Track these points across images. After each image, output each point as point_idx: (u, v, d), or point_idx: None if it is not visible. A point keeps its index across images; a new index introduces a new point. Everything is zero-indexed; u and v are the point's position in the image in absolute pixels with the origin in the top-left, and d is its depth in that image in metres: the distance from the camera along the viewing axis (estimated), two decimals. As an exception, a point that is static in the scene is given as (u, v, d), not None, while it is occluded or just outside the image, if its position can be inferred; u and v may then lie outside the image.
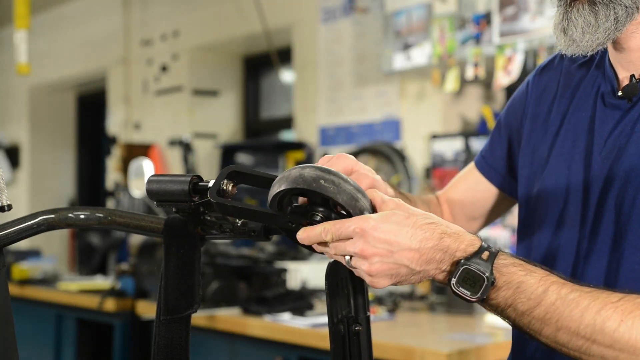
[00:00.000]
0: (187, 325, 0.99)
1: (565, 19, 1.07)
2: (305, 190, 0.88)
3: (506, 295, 0.89)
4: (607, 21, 1.04)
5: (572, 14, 1.06)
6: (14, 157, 6.70)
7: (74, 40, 6.15)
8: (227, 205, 0.90)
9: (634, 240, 1.01)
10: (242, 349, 2.72)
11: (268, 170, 4.37)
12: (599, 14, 1.04)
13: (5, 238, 0.97)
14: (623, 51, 1.09)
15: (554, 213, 1.14)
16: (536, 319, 0.88)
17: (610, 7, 1.04)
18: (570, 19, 1.06)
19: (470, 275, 0.88)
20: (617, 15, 1.04)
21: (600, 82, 1.14)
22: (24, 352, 1.10)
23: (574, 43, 1.07)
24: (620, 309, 0.85)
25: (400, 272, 0.89)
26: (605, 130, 1.08)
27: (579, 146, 1.12)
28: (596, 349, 0.86)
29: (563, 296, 0.87)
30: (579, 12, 1.05)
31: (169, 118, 5.16)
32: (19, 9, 3.99)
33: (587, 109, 1.14)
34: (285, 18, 4.35)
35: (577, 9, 1.05)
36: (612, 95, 1.10)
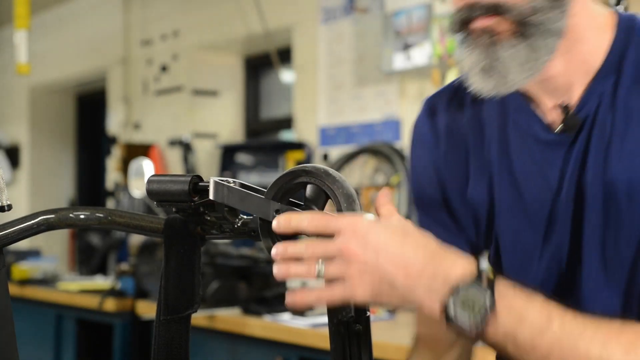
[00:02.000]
0: (187, 325, 0.99)
1: (490, 58, 0.92)
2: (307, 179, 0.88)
3: (506, 326, 0.82)
4: (543, 53, 0.93)
5: (500, 51, 0.92)
6: (14, 157, 6.70)
7: (74, 40, 6.15)
8: (223, 186, 0.90)
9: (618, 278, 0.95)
10: (242, 349, 2.72)
11: (268, 170, 4.37)
12: (536, 46, 0.92)
13: (5, 238, 0.97)
14: (545, 80, 0.97)
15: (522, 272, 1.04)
16: (537, 351, 0.82)
17: (545, 36, 0.92)
18: (499, 57, 0.92)
19: (469, 300, 0.81)
20: (551, 44, 0.93)
21: (519, 117, 1.01)
22: (24, 352, 1.10)
23: (506, 83, 0.93)
24: (622, 340, 0.81)
25: (383, 286, 0.83)
26: (555, 172, 0.98)
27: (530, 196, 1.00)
28: None
29: (567, 325, 0.82)
30: (511, 48, 0.92)
31: (169, 118, 5.16)
32: (19, 9, 3.99)
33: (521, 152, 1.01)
34: (285, 18, 4.35)
35: (506, 44, 0.92)
36: (547, 131, 0.98)
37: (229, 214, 0.95)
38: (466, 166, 1.08)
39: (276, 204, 0.89)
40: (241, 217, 0.97)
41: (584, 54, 0.97)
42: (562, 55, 0.96)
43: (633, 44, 0.96)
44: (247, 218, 0.97)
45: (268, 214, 0.90)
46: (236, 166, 4.56)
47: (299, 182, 0.89)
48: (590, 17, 0.97)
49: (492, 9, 0.92)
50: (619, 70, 0.95)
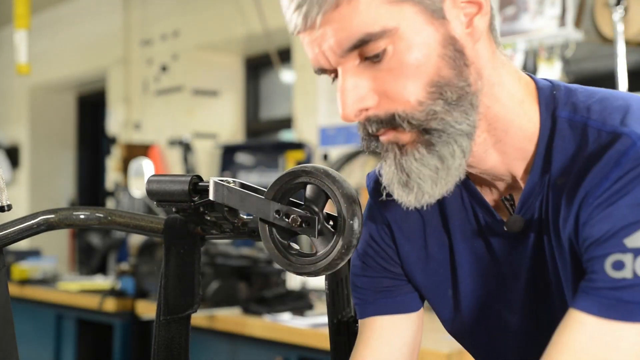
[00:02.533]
0: (187, 325, 0.99)
1: (403, 172, 0.87)
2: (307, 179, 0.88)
3: None
4: (454, 159, 0.86)
5: (409, 164, 0.86)
6: (14, 157, 6.70)
7: (74, 40, 6.15)
8: (223, 186, 0.90)
9: None
10: (242, 349, 2.72)
11: (268, 170, 4.37)
12: (442, 155, 0.85)
13: (5, 238, 0.98)
14: (485, 172, 0.93)
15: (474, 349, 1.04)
16: None
17: (451, 141, 0.85)
18: (410, 170, 0.86)
19: None
20: (462, 146, 0.86)
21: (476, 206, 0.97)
22: (24, 352, 1.10)
23: (424, 196, 0.87)
24: None
25: None
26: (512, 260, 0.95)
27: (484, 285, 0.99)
28: None
29: None
30: (418, 160, 0.86)
31: (169, 118, 5.16)
32: (19, 9, 3.99)
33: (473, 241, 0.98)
34: (285, 18, 4.35)
35: (413, 156, 0.86)
36: (498, 225, 0.95)
37: (229, 214, 0.95)
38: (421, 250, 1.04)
39: (276, 204, 0.89)
40: (241, 217, 0.97)
41: (517, 141, 0.91)
42: (493, 146, 0.91)
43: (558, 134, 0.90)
44: (247, 218, 0.98)
45: (268, 214, 0.90)
46: (236, 166, 4.56)
47: (299, 182, 0.89)
48: (513, 101, 0.91)
49: (388, 122, 0.86)
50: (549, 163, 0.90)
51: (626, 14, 2.50)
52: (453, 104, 0.85)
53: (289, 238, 0.91)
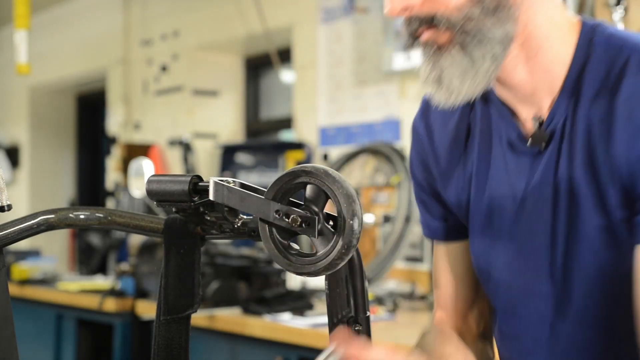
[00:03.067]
0: (187, 325, 0.99)
1: (437, 69, 0.94)
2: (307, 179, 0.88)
3: None
4: (484, 62, 0.93)
5: (443, 61, 0.94)
6: (14, 157, 6.70)
7: (74, 40, 6.16)
8: (223, 186, 0.90)
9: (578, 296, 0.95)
10: (242, 349, 2.72)
11: (268, 170, 4.37)
12: (474, 56, 0.93)
13: (5, 238, 0.97)
14: (512, 88, 0.99)
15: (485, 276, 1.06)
16: None
17: (483, 45, 0.92)
18: (443, 67, 0.94)
19: None
20: (494, 52, 0.93)
21: (500, 124, 1.03)
22: (24, 352, 1.10)
23: (453, 93, 0.95)
24: None
25: None
26: (522, 182, 0.99)
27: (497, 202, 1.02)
28: None
29: None
30: (451, 58, 0.93)
31: (169, 118, 5.16)
32: (19, 9, 3.99)
33: (495, 158, 1.03)
34: (285, 18, 4.35)
35: (447, 54, 0.93)
36: (520, 142, 1.00)
37: (229, 214, 0.95)
38: (450, 164, 1.10)
39: (276, 204, 0.89)
40: (241, 217, 0.97)
41: (547, 63, 0.96)
42: (524, 63, 0.96)
43: (593, 56, 0.95)
44: (247, 218, 0.97)
45: (268, 214, 0.90)
46: (236, 166, 4.56)
47: (299, 182, 0.89)
48: (551, 24, 0.96)
49: (428, 21, 0.93)
50: (580, 85, 0.95)
51: (626, 14, 2.50)
52: (490, 11, 0.91)
53: (289, 238, 0.91)
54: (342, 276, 0.97)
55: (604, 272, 0.94)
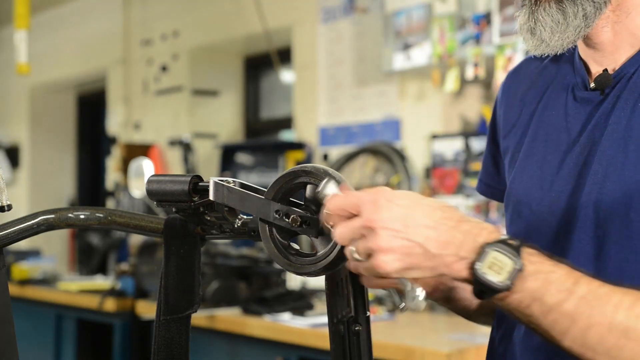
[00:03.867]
0: (187, 325, 0.99)
1: (532, 19, 1.02)
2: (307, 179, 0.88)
3: (533, 287, 0.81)
4: (576, 19, 1.00)
5: (538, 13, 1.01)
6: (14, 157, 6.70)
7: (74, 40, 6.15)
8: (223, 186, 0.90)
9: (618, 236, 0.95)
10: (242, 349, 2.72)
11: (268, 170, 4.37)
12: (567, 12, 1.00)
13: (5, 238, 0.98)
14: (595, 46, 1.05)
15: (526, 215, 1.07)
16: (565, 314, 0.81)
17: (577, 3, 0.99)
18: (538, 18, 1.01)
19: (498, 260, 0.80)
20: (586, 11, 1.00)
21: (570, 77, 1.09)
22: (24, 352, 1.10)
23: (543, 43, 1.02)
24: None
25: (414, 253, 0.80)
26: (578, 126, 1.04)
27: (550, 145, 1.07)
28: (630, 348, 0.79)
29: (594, 289, 0.81)
30: (546, 10, 1.01)
31: (169, 118, 5.16)
32: (19, 9, 3.99)
33: (557, 106, 1.09)
34: (285, 18, 4.35)
35: (543, 7, 1.01)
36: (583, 89, 1.06)
37: (228, 214, 0.95)
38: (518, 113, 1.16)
39: (276, 204, 0.89)
40: (241, 217, 0.97)
41: (635, 28, 1.02)
42: (612, 25, 1.02)
43: None
44: (247, 218, 0.97)
45: (268, 214, 0.90)
46: (236, 166, 4.56)
47: (299, 182, 0.89)
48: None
49: None
50: None
51: (626, 14, 2.50)
52: None
53: (289, 238, 0.91)
54: (342, 276, 0.97)
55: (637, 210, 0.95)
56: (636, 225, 0.94)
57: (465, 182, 3.27)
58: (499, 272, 0.80)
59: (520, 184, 1.09)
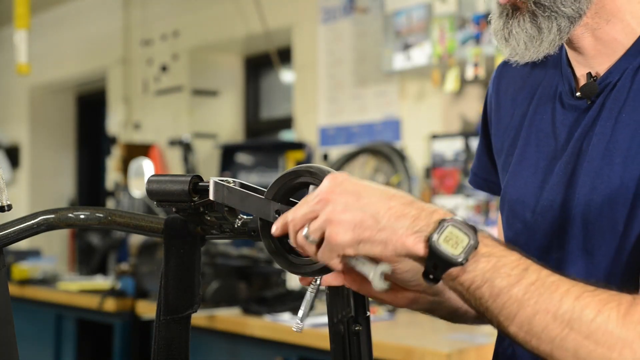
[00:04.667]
0: (187, 325, 0.99)
1: (507, 30, 1.01)
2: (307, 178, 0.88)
3: (485, 268, 0.81)
4: (550, 34, 0.99)
5: (512, 26, 1.01)
6: (14, 157, 6.70)
7: (74, 40, 6.15)
8: (223, 186, 0.90)
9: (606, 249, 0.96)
10: (242, 349, 2.72)
11: (268, 170, 4.37)
12: (541, 27, 0.99)
13: (5, 238, 0.97)
14: (577, 49, 1.05)
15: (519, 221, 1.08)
16: (513, 299, 0.81)
17: (552, 19, 0.99)
18: (511, 31, 1.01)
19: (454, 235, 0.80)
20: (560, 26, 0.99)
21: (558, 82, 1.09)
22: (24, 352, 1.10)
23: (517, 54, 1.02)
24: (597, 298, 0.81)
25: (365, 223, 0.81)
26: (565, 133, 1.04)
27: (542, 151, 1.07)
28: (572, 339, 0.80)
29: (543, 277, 0.82)
30: (520, 25, 1.00)
31: (169, 118, 5.16)
32: (19, 9, 3.99)
33: (546, 111, 1.08)
34: (285, 18, 4.35)
35: (517, 20, 1.00)
36: (571, 96, 1.05)
37: (228, 214, 0.95)
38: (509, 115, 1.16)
39: (276, 204, 0.89)
40: (241, 217, 0.97)
41: (616, 33, 1.01)
42: (592, 31, 1.02)
43: None
44: (247, 218, 0.97)
45: (268, 214, 0.90)
46: (236, 166, 4.56)
47: (299, 182, 0.89)
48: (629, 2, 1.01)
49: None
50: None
51: None
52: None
53: (288, 238, 0.91)
54: (342, 276, 0.96)
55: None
56: (623, 237, 0.94)
57: (465, 182, 3.27)
58: (454, 246, 0.81)
59: (514, 188, 1.10)
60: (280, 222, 0.87)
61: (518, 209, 1.08)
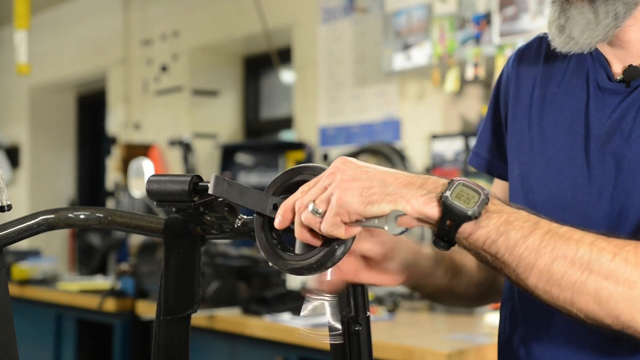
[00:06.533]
0: (187, 325, 0.99)
1: (563, 17, 1.02)
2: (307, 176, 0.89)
3: (498, 222, 0.83)
4: (606, 18, 1.00)
5: (570, 11, 1.01)
6: (14, 157, 6.70)
7: (74, 40, 6.15)
8: (223, 180, 0.90)
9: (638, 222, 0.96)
10: (242, 349, 2.72)
11: (268, 170, 4.37)
12: (599, 11, 1.00)
13: (5, 238, 0.97)
14: (620, 44, 1.05)
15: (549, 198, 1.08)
16: (530, 249, 0.82)
17: (610, 3, 1.00)
18: (569, 16, 1.02)
19: (465, 192, 0.82)
20: (617, 12, 1.00)
21: (589, 68, 1.09)
22: (24, 352, 1.10)
23: (571, 41, 1.02)
24: (612, 242, 0.82)
25: (373, 189, 0.84)
26: (604, 115, 1.04)
27: (571, 130, 1.07)
28: (592, 281, 0.81)
29: (555, 228, 0.83)
30: (578, 9, 1.01)
31: (169, 118, 5.16)
32: (19, 9, 3.99)
33: (577, 93, 1.09)
34: (285, 18, 4.35)
35: (575, 5, 1.01)
36: (608, 80, 1.06)
37: (229, 213, 0.95)
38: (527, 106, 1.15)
39: (275, 199, 0.89)
40: (241, 217, 0.97)
41: None
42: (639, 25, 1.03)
43: None
44: (247, 218, 0.97)
45: (265, 208, 0.90)
46: (236, 166, 4.56)
47: (299, 180, 0.89)
48: None
49: None
50: None
51: None
52: None
53: (283, 234, 0.91)
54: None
55: None
56: None
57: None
58: (466, 201, 0.82)
59: (538, 165, 1.10)
60: (282, 209, 0.88)
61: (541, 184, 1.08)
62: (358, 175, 0.85)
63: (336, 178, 0.85)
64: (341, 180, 0.84)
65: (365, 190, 0.84)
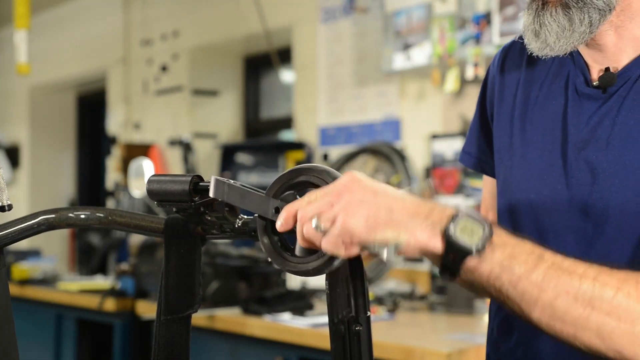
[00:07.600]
0: (188, 325, 0.99)
1: (538, 22, 1.03)
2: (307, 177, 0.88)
3: (502, 257, 0.83)
4: (581, 25, 1.01)
5: (544, 17, 1.02)
6: (14, 157, 6.70)
7: (74, 40, 6.15)
8: (224, 183, 0.90)
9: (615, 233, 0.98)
10: (242, 349, 2.72)
11: (268, 170, 4.37)
12: (573, 18, 1.01)
13: (6, 238, 0.97)
14: (596, 47, 1.06)
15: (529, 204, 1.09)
16: (533, 284, 0.82)
17: (584, 11, 1.00)
18: (544, 22, 1.02)
19: (469, 226, 0.82)
20: (592, 18, 1.01)
21: (569, 71, 1.10)
22: (24, 352, 1.10)
23: (547, 47, 1.03)
24: (615, 277, 0.82)
25: (379, 215, 0.83)
26: (581, 121, 1.05)
27: (551, 135, 1.08)
28: (595, 317, 0.81)
29: (558, 262, 0.83)
30: (553, 16, 1.02)
31: (169, 118, 5.16)
32: (19, 9, 3.99)
33: (557, 97, 1.09)
34: (285, 18, 4.35)
35: (550, 12, 1.02)
36: (586, 85, 1.06)
37: (229, 214, 0.95)
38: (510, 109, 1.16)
39: (276, 201, 0.89)
40: (242, 217, 0.97)
41: (638, 32, 1.03)
42: (615, 28, 1.03)
43: None
44: (248, 218, 0.97)
45: (267, 211, 0.90)
46: (236, 166, 4.56)
47: (300, 181, 0.89)
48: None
49: None
50: None
51: None
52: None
53: (286, 236, 0.91)
54: (343, 276, 0.97)
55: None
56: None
57: (465, 182, 3.27)
58: (470, 236, 0.82)
59: (519, 170, 1.11)
60: (285, 214, 0.87)
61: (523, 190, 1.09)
62: (366, 199, 0.84)
63: (343, 199, 0.84)
64: (348, 202, 0.83)
65: (371, 217, 0.83)
